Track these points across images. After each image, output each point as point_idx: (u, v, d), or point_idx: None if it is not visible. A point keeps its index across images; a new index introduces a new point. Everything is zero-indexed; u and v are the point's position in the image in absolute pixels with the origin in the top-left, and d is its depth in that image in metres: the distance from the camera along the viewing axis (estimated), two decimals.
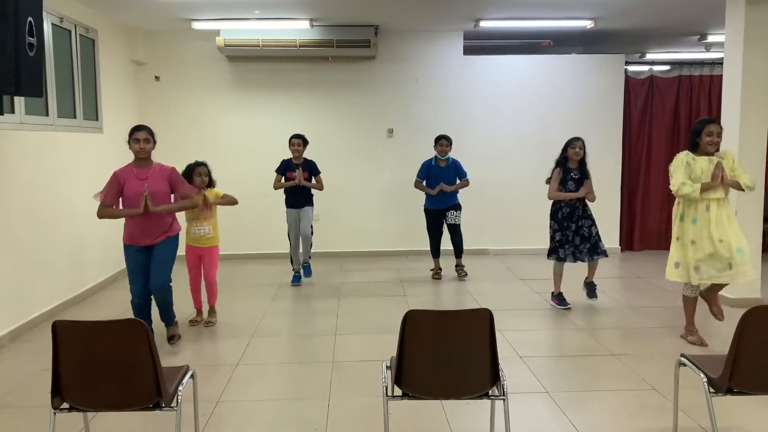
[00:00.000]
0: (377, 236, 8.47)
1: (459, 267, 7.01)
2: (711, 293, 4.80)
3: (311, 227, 6.81)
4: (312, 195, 6.77)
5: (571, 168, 5.65)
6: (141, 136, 4.51)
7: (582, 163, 5.69)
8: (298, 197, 6.66)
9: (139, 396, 2.66)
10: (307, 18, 7.25)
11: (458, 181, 6.89)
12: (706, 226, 4.50)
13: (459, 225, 6.90)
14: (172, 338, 4.86)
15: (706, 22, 7.63)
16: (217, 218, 5.45)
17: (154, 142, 4.65)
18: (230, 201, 5.46)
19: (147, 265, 4.63)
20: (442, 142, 6.79)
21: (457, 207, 6.90)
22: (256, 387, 4.08)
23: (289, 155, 6.68)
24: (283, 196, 6.74)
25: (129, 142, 4.56)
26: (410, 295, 6.38)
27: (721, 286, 4.74)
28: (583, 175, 5.67)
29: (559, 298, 5.84)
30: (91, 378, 2.62)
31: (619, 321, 5.45)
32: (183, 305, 5.40)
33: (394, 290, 6.60)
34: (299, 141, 6.57)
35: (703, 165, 4.53)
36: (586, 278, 5.90)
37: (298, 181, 6.45)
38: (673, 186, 4.56)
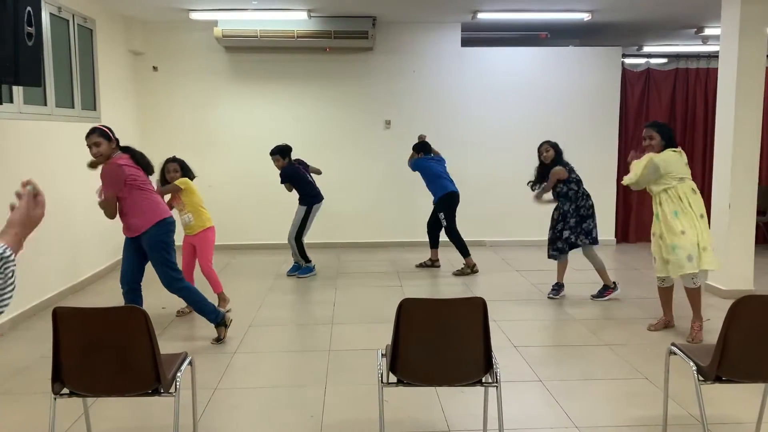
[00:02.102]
0: (374, 227, 8.50)
1: (463, 266, 6.92)
2: (693, 320, 4.75)
3: (296, 230, 6.70)
4: (301, 195, 6.73)
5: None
6: (90, 141, 4.26)
7: (558, 161, 5.71)
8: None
9: (138, 382, 2.70)
10: (305, 9, 7.25)
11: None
12: (690, 216, 4.55)
13: (447, 228, 6.81)
14: (216, 339, 4.71)
15: (703, 14, 7.65)
16: (194, 204, 5.34)
17: (109, 140, 4.28)
18: (169, 190, 5.28)
19: (133, 255, 4.51)
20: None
21: (437, 206, 6.85)
22: (253, 374, 4.13)
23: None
24: (287, 195, 6.77)
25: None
26: (406, 285, 6.43)
27: (695, 309, 4.72)
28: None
29: (553, 286, 5.91)
30: (91, 364, 2.65)
31: (612, 312, 5.50)
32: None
33: (390, 280, 6.65)
34: (276, 156, 6.61)
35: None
36: (605, 283, 5.83)
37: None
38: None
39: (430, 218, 7.04)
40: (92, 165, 4.44)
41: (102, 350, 2.64)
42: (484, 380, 2.85)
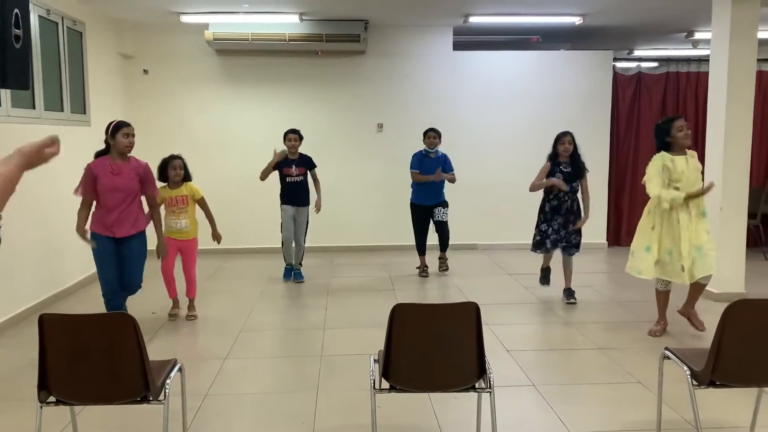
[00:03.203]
0: (366, 231, 8.48)
1: (441, 259, 6.99)
2: (689, 307, 4.84)
3: (306, 231, 6.69)
4: (309, 193, 6.63)
5: (560, 161, 5.64)
6: (131, 132, 4.57)
7: (575, 156, 5.65)
8: (296, 195, 6.51)
9: (127, 389, 2.66)
10: (297, 12, 7.23)
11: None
12: (686, 226, 4.56)
13: (446, 222, 6.86)
14: None
15: (694, 19, 7.69)
16: (194, 212, 5.40)
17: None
18: (210, 216, 5.49)
19: (117, 255, 4.62)
20: (430, 134, 6.77)
21: (445, 204, 6.85)
22: (244, 381, 4.09)
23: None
24: (278, 192, 6.60)
25: (114, 137, 4.54)
26: (399, 289, 6.40)
27: (694, 299, 4.79)
28: (578, 169, 5.63)
29: (543, 272, 5.94)
30: (79, 371, 2.61)
31: (605, 315, 5.50)
32: (161, 297, 5.51)
33: (382, 285, 6.62)
34: (295, 136, 6.49)
35: (681, 165, 4.57)
36: (565, 286, 5.86)
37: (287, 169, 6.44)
38: (651, 193, 4.59)
39: (425, 224, 6.92)
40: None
41: (89, 357, 2.60)
42: (477, 386, 2.82)
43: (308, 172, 6.58)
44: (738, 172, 5.77)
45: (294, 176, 6.47)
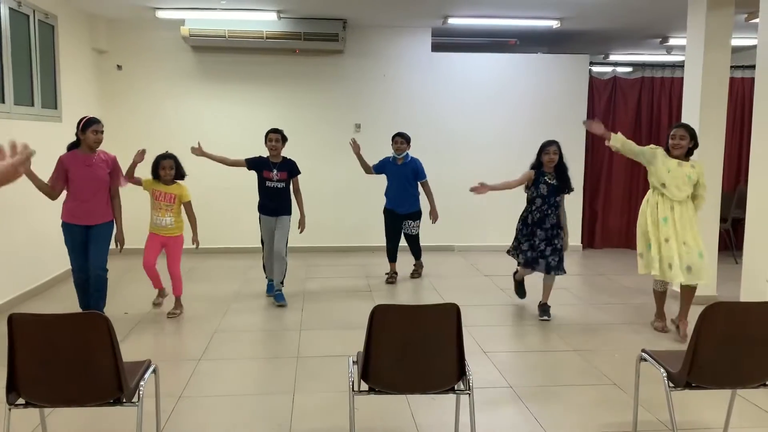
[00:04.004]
0: (342, 232, 8.44)
1: (415, 266, 6.97)
2: (682, 316, 4.94)
3: (286, 244, 6.01)
4: (291, 202, 6.05)
5: (546, 172, 5.34)
6: (100, 129, 4.89)
7: (561, 169, 5.36)
8: (276, 202, 5.85)
9: (100, 391, 2.59)
10: (275, 9, 7.17)
11: (420, 185, 6.70)
12: (672, 226, 4.72)
13: (416, 235, 6.76)
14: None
15: (668, 25, 7.81)
16: (180, 212, 5.38)
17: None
18: (193, 221, 5.56)
19: (86, 243, 4.91)
20: (397, 139, 6.56)
21: (417, 215, 6.67)
22: (219, 382, 4.03)
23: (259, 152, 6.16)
24: (255, 197, 6.06)
25: (84, 133, 4.83)
26: (375, 290, 6.38)
27: (687, 306, 4.91)
28: (564, 183, 5.35)
29: (516, 284, 5.79)
30: (50, 373, 2.54)
31: (581, 317, 5.54)
32: (134, 297, 5.49)
33: (359, 285, 6.59)
34: (277, 136, 5.83)
35: (671, 165, 4.73)
36: (541, 301, 5.50)
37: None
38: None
39: (396, 232, 6.71)
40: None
41: (61, 359, 2.53)
42: (456, 388, 2.82)
43: (290, 179, 5.97)
44: (710, 177, 5.83)
45: (274, 181, 5.83)
